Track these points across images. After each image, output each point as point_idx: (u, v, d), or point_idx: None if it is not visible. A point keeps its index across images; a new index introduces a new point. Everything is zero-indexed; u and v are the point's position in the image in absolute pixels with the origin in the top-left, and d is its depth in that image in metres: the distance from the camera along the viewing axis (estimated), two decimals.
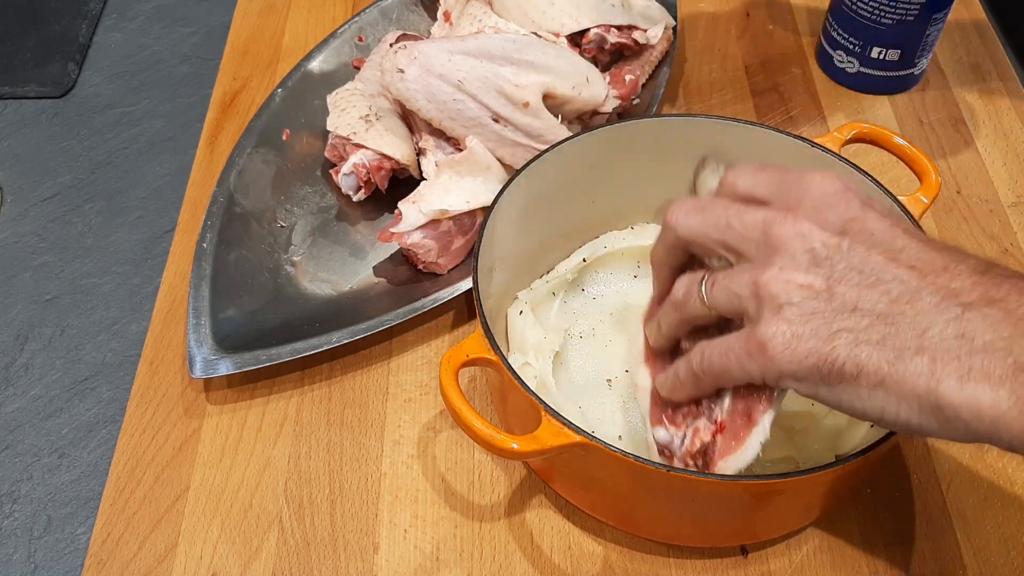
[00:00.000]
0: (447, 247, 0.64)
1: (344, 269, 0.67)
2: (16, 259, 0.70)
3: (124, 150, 0.78)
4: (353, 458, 0.58)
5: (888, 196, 0.55)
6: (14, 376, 0.63)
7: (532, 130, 0.65)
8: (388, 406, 0.61)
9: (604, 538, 0.55)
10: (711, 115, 0.61)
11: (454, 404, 0.47)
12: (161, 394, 0.61)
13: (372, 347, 0.63)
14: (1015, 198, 0.72)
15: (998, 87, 0.81)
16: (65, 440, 0.60)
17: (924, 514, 0.56)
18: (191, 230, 0.69)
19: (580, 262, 0.63)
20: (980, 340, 0.37)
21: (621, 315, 0.62)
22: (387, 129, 0.68)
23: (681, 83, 0.81)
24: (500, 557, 0.54)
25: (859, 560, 0.54)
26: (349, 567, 0.54)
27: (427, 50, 0.64)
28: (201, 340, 0.60)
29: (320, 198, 0.71)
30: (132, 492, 0.57)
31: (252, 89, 0.80)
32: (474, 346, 0.49)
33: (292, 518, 0.56)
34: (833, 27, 0.79)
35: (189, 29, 0.88)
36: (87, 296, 0.68)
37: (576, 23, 0.71)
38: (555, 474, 0.54)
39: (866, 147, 0.62)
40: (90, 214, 0.73)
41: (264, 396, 0.61)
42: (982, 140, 0.77)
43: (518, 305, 0.60)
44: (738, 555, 0.54)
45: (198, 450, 0.59)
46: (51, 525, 0.57)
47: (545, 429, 0.46)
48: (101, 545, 0.55)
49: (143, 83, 0.83)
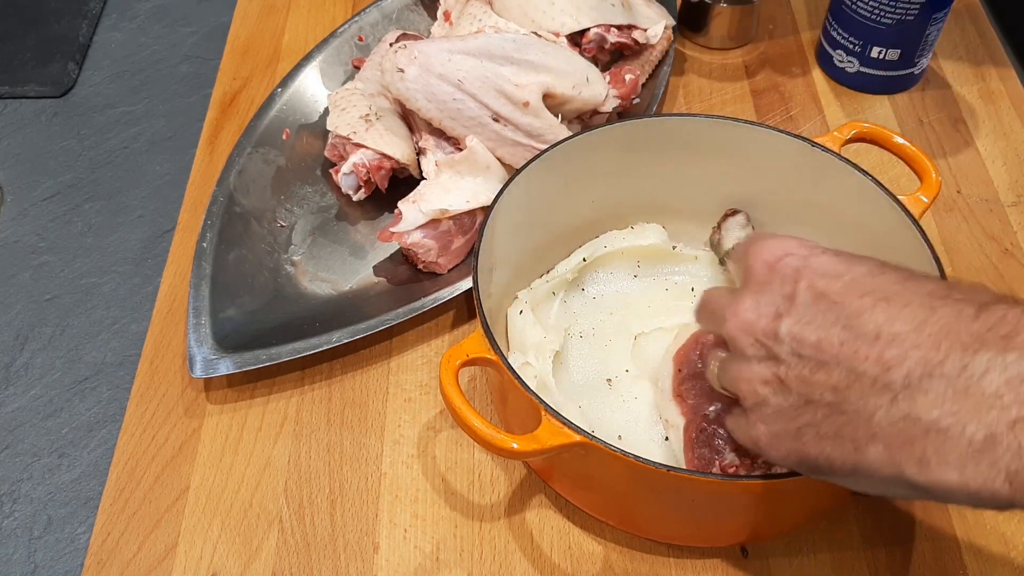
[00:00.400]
0: (447, 247, 0.64)
1: (344, 269, 0.67)
2: (16, 259, 0.70)
3: (124, 150, 0.78)
4: (353, 458, 0.58)
5: (888, 196, 0.55)
6: (14, 376, 0.63)
7: (532, 130, 0.65)
8: (388, 406, 0.61)
9: (604, 538, 0.55)
10: (711, 115, 0.61)
11: (454, 404, 0.47)
12: (161, 394, 0.61)
13: (372, 347, 0.63)
14: (1015, 198, 0.72)
15: (998, 87, 0.81)
16: (65, 440, 0.60)
17: (924, 514, 0.56)
18: (191, 230, 0.69)
19: (580, 262, 0.63)
20: (927, 420, 0.35)
21: (621, 315, 0.62)
22: (387, 129, 0.68)
23: (681, 82, 0.81)
24: (500, 557, 0.54)
25: (859, 560, 0.54)
26: (349, 567, 0.54)
27: (427, 50, 0.64)
28: (201, 340, 0.60)
29: (320, 198, 0.71)
30: (132, 492, 0.57)
31: (252, 89, 0.80)
32: (474, 346, 0.49)
33: (292, 518, 0.56)
34: (833, 27, 0.79)
35: (189, 29, 0.88)
36: (87, 296, 0.68)
37: (576, 23, 0.71)
38: (555, 474, 0.54)
39: (866, 147, 0.62)
40: (90, 214, 0.73)
41: (264, 396, 0.61)
42: (982, 140, 0.77)
43: (518, 305, 0.60)
44: (738, 555, 0.54)
45: (198, 450, 0.59)
46: (51, 525, 0.57)
47: (545, 429, 0.46)
48: (101, 545, 0.55)
49: (143, 83, 0.83)
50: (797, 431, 0.39)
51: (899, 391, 0.36)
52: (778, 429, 0.40)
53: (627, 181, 0.63)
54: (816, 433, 0.39)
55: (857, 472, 0.37)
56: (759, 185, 0.61)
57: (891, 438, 0.36)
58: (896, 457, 0.36)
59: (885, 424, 0.36)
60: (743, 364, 0.42)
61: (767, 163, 0.60)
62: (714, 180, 0.62)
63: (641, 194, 0.63)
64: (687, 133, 0.60)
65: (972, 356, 0.35)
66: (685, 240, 0.65)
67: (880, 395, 0.36)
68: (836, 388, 0.38)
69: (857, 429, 0.37)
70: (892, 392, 0.36)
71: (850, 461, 0.37)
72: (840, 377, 0.38)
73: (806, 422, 0.39)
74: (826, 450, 0.38)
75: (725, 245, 0.61)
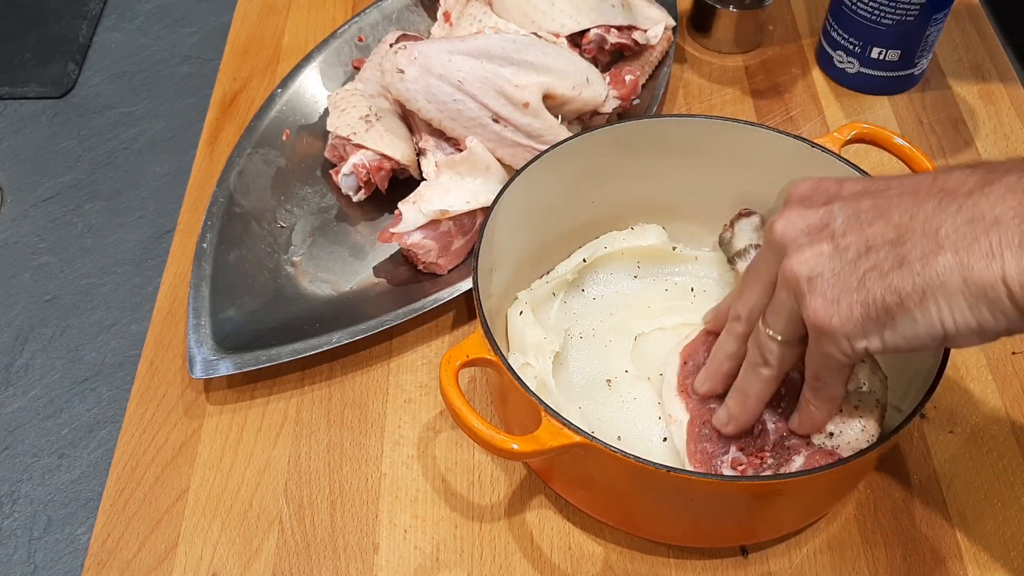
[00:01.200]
0: (447, 247, 0.64)
1: (344, 269, 0.67)
2: (16, 259, 0.70)
3: (124, 150, 0.78)
4: (353, 458, 0.58)
5: None
6: (14, 376, 0.63)
7: (532, 130, 0.65)
8: (388, 406, 0.61)
9: (604, 538, 0.55)
10: (711, 115, 0.61)
11: (454, 404, 0.47)
12: (161, 394, 0.61)
13: (372, 347, 0.63)
14: None
15: (998, 87, 0.81)
16: (65, 440, 0.60)
17: (924, 514, 0.56)
18: (191, 230, 0.69)
19: (580, 262, 0.63)
20: (991, 216, 0.37)
21: (621, 316, 0.62)
22: (387, 129, 0.68)
23: (681, 83, 0.81)
24: (500, 557, 0.54)
25: (859, 560, 0.54)
26: (349, 567, 0.54)
27: (427, 50, 0.64)
28: (201, 340, 0.60)
29: (320, 198, 0.71)
30: (132, 492, 0.57)
31: (252, 89, 0.80)
32: (474, 346, 0.49)
33: (292, 518, 0.56)
34: (833, 27, 0.79)
35: (189, 29, 0.88)
36: (87, 296, 0.68)
37: (576, 23, 0.71)
38: (555, 474, 0.54)
39: (866, 147, 0.62)
40: (90, 214, 0.73)
41: (264, 396, 0.61)
42: (982, 140, 0.77)
43: (518, 305, 0.60)
44: (738, 555, 0.54)
45: (198, 450, 0.59)
46: (51, 525, 0.57)
47: (545, 429, 0.46)
48: (101, 545, 0.55)
49: (143, 83, 0.83)
50: (859, 282, 0.40)
51: (962, 202, 0.38)
52: (836, 293, 0.41)
53: (627, 181, 0.63)
54: (879, 273, 0.39)
55: (925, 296, 0.38)
56: (759, 186, 0.61)
57: (958, 243, 0.37)
58: (964, 259, 0.37)
59: (952, 233, 0.38)
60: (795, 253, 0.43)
61: (767, 164, 0.60)
62: (714, 181, 0.62)
63: (641, 194, 0.63)
64: (687, 134, 0.60)
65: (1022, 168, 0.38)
66: (685, 240, 0.65)
67: (944, 211, 0.38)
68: (898, 225, 0.40)
69: (924, 248, 0.38)
70: (957, 205, 0.38)
71: (918, 284, 0.38)
72: (900, 215, 0.40)
73: (868, 267, 0.40)
74: (894, 282, 0.39)
75: (736, 245, 0.60)
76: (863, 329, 0.41)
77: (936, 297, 0.38)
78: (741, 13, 0.81)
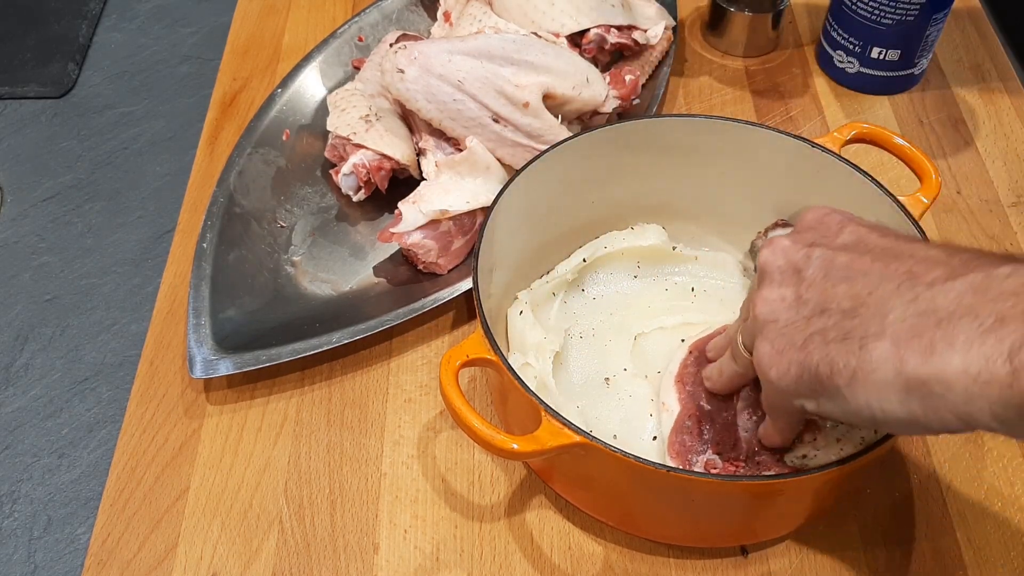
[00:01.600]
0: (447, 247, 0.64)
1: (344, 269, 0.67)
2: (16, 259, 0.70)
3: (124, 150, 0.78)
4: (353, 458, 0.58)
5: (888, 196, 0.55)
6: (14, 376, 0.63)
7: (532, 130, 0.65)
8: (388, 406, 0.61)
9: (604, 538, 0.55)
10: (711, 115, 0.61)
11: (454, 404, 0.47)
12: (161, 394, 0.61)
13: (372, 347, 0.63)
14: (1015, 198, 0.72)
15: (998, 87, 0.81)
16: (65, 440, 0.60)
17: (924, 514, 0.56)
18: (191, 230, 0.69)
19: (580, 262, 0.63)
20: (943, 312, 0.36)
21: (621, 315, 0.62)
22: (387, 129, 0.68)
23: (681, 83, 0.81)
24: (500, 557, 0.54)
25: (859, 560, 0.54)
26: (349, 567, 0.54)
27: (427, 50, 0.64)
28: (201, 340, 0.60)
29: (320, 198, 0.71)
30: (132, 492, 0.57)
31: (252, 89, 0.80)
32: (474, 346, 0.49)
33: (292, 518, 0.56)
34: (833, 27, 0.79)
35: (189, 29, 0.88)
36: (87, 296, 0.68)
37: (576, 23, 0.71)
38: (555, 474, 0.54)
39: (866, 147, 0.61)
40: (90, 214, 0.73)
41: (264, 396, 0.61)
42: (982, 140, 0.77)
43: (518, 305, 0.60)
44: (738, 555, 0.54)
45: (198, 450, 0.59)
46: (51, 525, 0.57)
47: (545, 429, 0.46)
48: (101, 545, 0.55)
49: (143, 83, 0.83)
50: (804, 342, 0.40)
51: (921, 292, 0.37)
52: (782, 345, 0.41)
53: (627, 181, 0.63)
54: (823, 339, 0.39)
55: (855, 376, 0.38)
56: (759, 186, 0.61)
57: (900, 334, 0.36)
58: (901, 352, 0.36)
59: (898, 322, 0.37)
60: (765, 288, 0.43)
61: (767, 164, 0.60)
62: (714, 181, 0.62)
63: (641, 194, 0.63)
64: (687, 134, 0.60)
65: (996, 267, 0.36)
66: (685, 240, 0.65)
67: (901, 296, 0.38)
68: (856, 296, 0.39)
69: (868, 328, 0.38)
70: (914, 293, 0.37)
71: (851, 363, 0.38)
72: (863, 286, 0.39)
73: (816, 329, 0.40)
74: (830, 353, 0.39)
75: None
76: (797, 389, 0.41)
77: (865, 382, 0.37)
78: (754, 16, 0.81)
